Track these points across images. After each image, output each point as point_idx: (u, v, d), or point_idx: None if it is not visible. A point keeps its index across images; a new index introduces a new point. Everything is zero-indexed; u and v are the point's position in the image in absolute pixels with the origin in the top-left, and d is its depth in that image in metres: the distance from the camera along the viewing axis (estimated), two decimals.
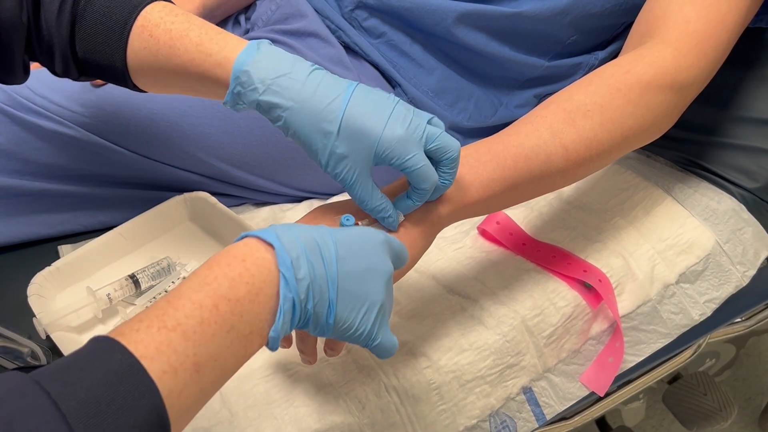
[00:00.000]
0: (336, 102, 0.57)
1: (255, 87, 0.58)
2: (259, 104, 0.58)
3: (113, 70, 0.65)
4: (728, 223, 0.81)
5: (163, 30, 0.62)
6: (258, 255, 0.48)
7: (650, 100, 0.67)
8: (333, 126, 0.56)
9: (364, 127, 0.56)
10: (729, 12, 0.70)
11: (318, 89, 0.57)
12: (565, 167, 0.65)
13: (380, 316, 0.52)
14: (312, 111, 0.57)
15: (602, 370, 0.76)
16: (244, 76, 0.58)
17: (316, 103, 0.57)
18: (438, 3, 0.86)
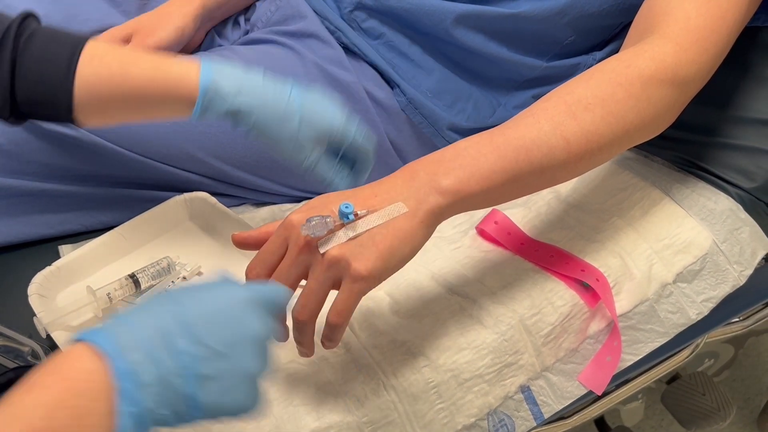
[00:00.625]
0: (291, 103, 0.68)
1: (225, 95, 0.65)
2: (228, 112, 0.66)
3: (57, 104, 0.65)
4: (725, 223, 0.81)
5: (113, 57, 0.66)
6: (83, 367, 0.41)
7: (651, 95, 0.68)
8: (294, 123, 0.67)
9: (315, 116, 0.69)
10: (729, 8, 0.70)
11: (273, 95, 0.67)
12: (566, 160, 0.65)
13: (254, 387, 0.48)
14: (274, 116, 0.67)
15: (600, 369, 0.77)
16: (213, 86, 0.65)
17: (276, 108, 0.67)
18: (436, 4, 0.86)
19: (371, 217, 0.59)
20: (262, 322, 0.49)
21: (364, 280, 0.58)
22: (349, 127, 0.70)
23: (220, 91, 0.65)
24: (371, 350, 0.72)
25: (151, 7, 0.96)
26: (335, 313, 0.59)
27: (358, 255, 0.57)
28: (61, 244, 0.85)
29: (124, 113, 0.68)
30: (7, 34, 0.63)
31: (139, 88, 0.65)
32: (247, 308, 0.49)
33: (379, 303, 0.76)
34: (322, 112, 0.69)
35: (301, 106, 0.68)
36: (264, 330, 0.49)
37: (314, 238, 0.58)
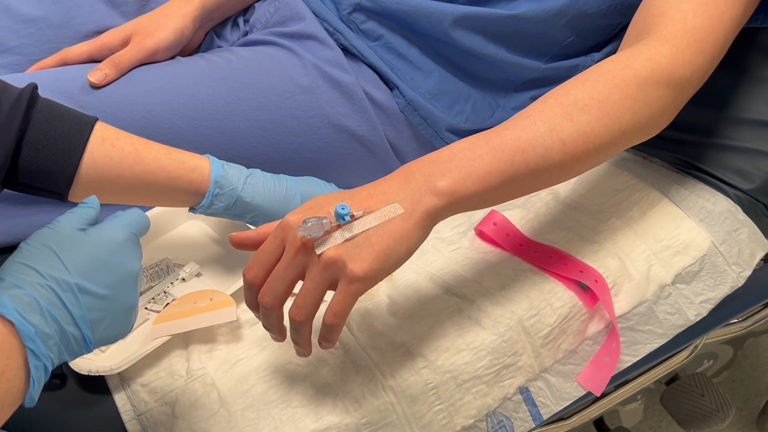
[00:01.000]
0: (290, 187, 0.76)
1: (234, 187, 0.72)
2: (237, 202, 0.72)
3: (58, 178, 0.66)
4: (724, 224, 0.81)
5: (125, 141, 0.70)
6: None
7: (648, 96, 0.68)
8: (296, 204, 0.74)
9: (313, 194, 0.76)
10: (726, 9, 0.70)
11: (273, 185, 0.75)
12: (562, 161, 0.65)
13: (132, 314, 0.57)
14: (277, 198, 0.74)
15: (598, 370, 0.77)
16: (223, 179, 0.72)
17: (278, 194, 0.75)
18: (435, 6, 0.86)
19: (367, 219, 0.59)
20: (135, 257, 0.57)
21: (360, 281, 0.58)
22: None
23: (230, 183, 0.72)
24: (370, 351, 0.72)
25: (150, 8, 0.96)
26: (331, 313, 0.59)
27: (354, 256, 0.58)
28: None
29: (126, 195, 0.71)
30: (19, 103, 0.64)
31: (149, 172, 0.69)
32: (121, 249, 0.56)
33: (378, 304, 0.76)
34: (318, 188, 0.78)
35: (299, 188, 0.76)
36: (137, 264, 0.57)
37: (311, 239, 0.59)
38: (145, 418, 0.70)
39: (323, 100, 0.88)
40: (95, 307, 0.52)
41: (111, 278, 0.53)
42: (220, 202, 0.72)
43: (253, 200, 0.73)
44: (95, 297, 0.52)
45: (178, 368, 0.72)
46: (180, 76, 0.87)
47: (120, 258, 0.55)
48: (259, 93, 0.87)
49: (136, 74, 0.86)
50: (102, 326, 0.53)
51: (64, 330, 0.50)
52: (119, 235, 0.56)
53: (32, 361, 0.48)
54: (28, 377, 0.48)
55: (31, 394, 0.48)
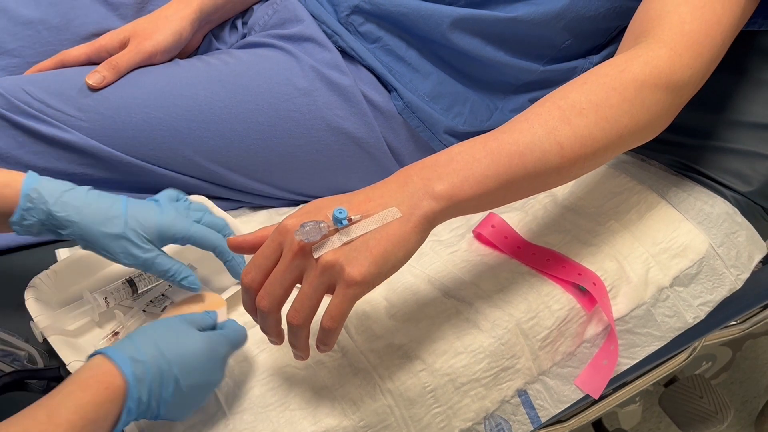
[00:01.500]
0: (115, 206, 0.70)
1: (45, 201, 0.68)
2: (49, 216, 0.68)
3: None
4: (722, 227, 0.82)
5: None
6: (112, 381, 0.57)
7: (645, 99, 0.68)
8: (119, 221, 0.69)
9: (146, 217, 0.70)
10: (724, 13, 0.70)
11: (97, 201, 0.70)
12: (560, 165, 0.65)
13: (209, 392, 0.66)
14: (96, 213, 0.69)
15: (597, 372, 0.77)
16: (35, 193, 0.68)
17: (99, 211, 0.69)
18: (433, 8, 0.87)
19: (365, 222, 0.59)
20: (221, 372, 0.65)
21: (357, 285, 0.58)
22: (182, 223, 0.72)
23: (41, 199, 0.68)
24: (368, 354, 0.72)
25: (148, 10, 0.96)
26: (329, 317, 0.59)
27: (351, 260, 0.58)
28: (58, 248, 0.85)
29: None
30: None
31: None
32: (224, 362, 0.65)
33: (376, 307, 0.76)
34: (151, 214, 0.71)
35: (127, 210, 0.71)
36: (221, 377, 0.65)
37: (308, 243, 0.59)
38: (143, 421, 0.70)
39: (321, 102, 0.88)
40: (176, 397, 0.60)
41: (199, 381, 0.62)
42: (32, 217, 0.68)
43: (67, 216, 0.68)
44: (180, 390, 0.60)
45: None
46: (178, 78, 0.87)
47: (213, 369, 0.63)
48: (257, 95, 0.87)
49: (134, 77, 0.87)
50: (171, 410, 0.60)
51: (150, 403, 0.59)
52: (222, 350, 0.64)
53: (124, 418, 0.57)
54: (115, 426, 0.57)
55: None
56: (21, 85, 0.83)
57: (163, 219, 0.71)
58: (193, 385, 0.61)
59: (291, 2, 0.95)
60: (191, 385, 0.60)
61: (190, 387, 0.60)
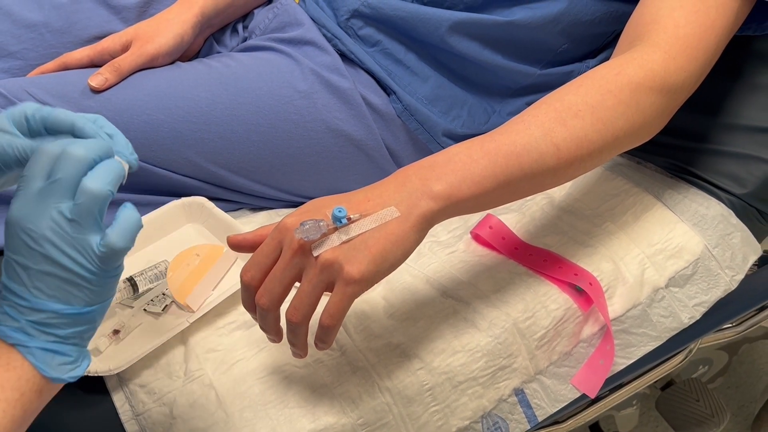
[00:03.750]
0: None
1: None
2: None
3: None
4: (717, 228, 0.82)
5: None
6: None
7: (640, 102, 0.69)
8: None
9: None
10: (717, 17, 0.71)
11: None
12: (556, 166, 0.66)
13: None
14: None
15: (593, 372, 0.77)
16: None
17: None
18: (432, 12, 0.88)
19: (364, 221, 0.60)
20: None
21: (356, 283, 0.58)
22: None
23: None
24: (366, 353, 0.73)
25: (150, 14, 0.97)
26: (328, 315, 0.60)
27: (350, 258, 0.58)
28: None
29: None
30: None
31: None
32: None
33: (375, 306, 0.77)
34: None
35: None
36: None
37: (308, 242, 0.59)
38: (143, 419, 0.70)
39: (321, 105, 0.89)
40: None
41: None
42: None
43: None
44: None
45: (176, 369, 0.73)
46: (179, 80, 0.87)
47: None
48: (258, 98, 0.88)
49: (136, 79, 0.87)
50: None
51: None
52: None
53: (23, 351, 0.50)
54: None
55: (48, 375, 0.50)
56: (23, 86, 0.83)
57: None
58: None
59: (291, 6, 0.96)
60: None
61: None
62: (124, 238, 0.51)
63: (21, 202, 0.49)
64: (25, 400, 0.50)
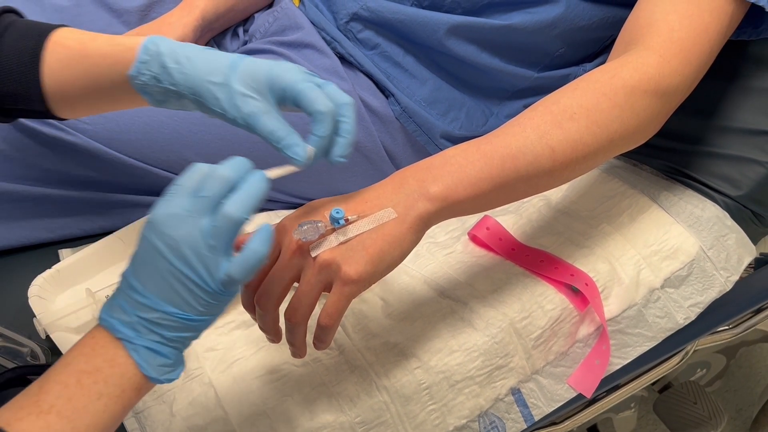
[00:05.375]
0: (227, 57, 0.61)
1: (160, 52, 0.61)
2: (163, 70, 0.61)
3: (28, 95, 0.65)
4: (712, 230, 0.83)
5: (73, 40, 0.65)
6: (99, 329, 0.53)
7: (635, 105, 0.69)
8: (226, 69, 0.60)
9: (254, 65, 0.60)
10: (712, 21, 0.72)
11: (209, 52, 0.61)
12: (551, 168, 0.67)
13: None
14: (205, 64, 0.60)
15: (589, 372, 0.78)
16: (152, 46, 0.61)
17: (207, 61, 0.61)
18: (430, 15, 0.88)
19: (361, 222, 0.60)
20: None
21: (354, 283, 0.59)
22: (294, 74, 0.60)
23: (157, 50, 0.61)
24: (364, 352, 0.73)
25: (151, 17, 0.98)
26: (326, 315, 0.61)
27: (348, 259, 0.59)
28: (61, 248, 0.86)
29: (88, 98, 0.67)
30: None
31: (96, 65, 0.64)
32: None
33: (372, 306, 0.78)
34: (266, 66, 0.60)
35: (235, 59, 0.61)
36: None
37: (306, 242, 0.60)
38: (143, 416, 0.71)
39: None
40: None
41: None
42: (148, 71, 0.61)
43: (178, 68, 0.61)
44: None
45: None
46: None
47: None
48: None
49: None
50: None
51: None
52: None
53: (128, 347, 0.52)
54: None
55: (148, 374, 0.52)
56: None
57: (274, 67, 0.60)
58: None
59: (291, 10, 0.97)
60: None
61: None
62: (244, 272, 0.53)
63: (166, 208, 0.52)
64: (125, 398, 0.51)
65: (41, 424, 0.47)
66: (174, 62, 0.61)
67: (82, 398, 0.49)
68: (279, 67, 0.60)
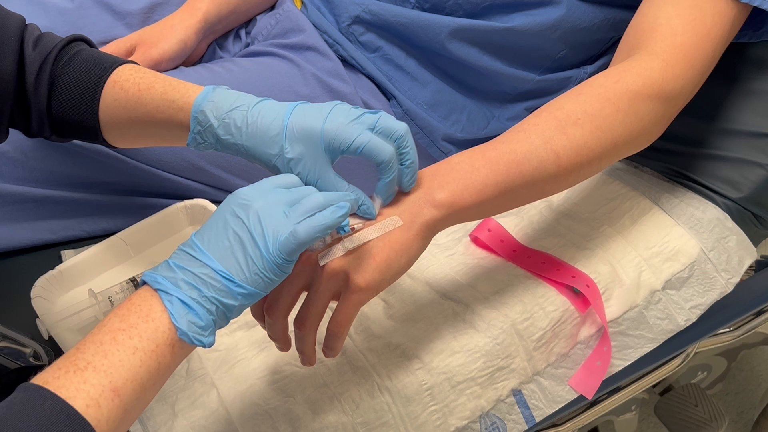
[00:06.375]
0: (277, 120, 0.62)
1: (210, 123, 0.63)
2: (218, 140, 0.64)
3: (85, 125, 0.69)
4: (713, 232, 0.83)
5: (132, 83, 0.68)
6: (139, 291, 0.54)
7: (639, 109, 0.70)
8: (279, 138, 0.61)
9: (305, 127, 0.61)
10: (714, 25, 0.72)
11: (257, 120, 0.62)
12: (556, 173, 0.67)
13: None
14: (258, 134, 0.62)
15: (590, 373, 0.78)
16: (201, 116, 0.64)
17: (259, 132, 0.62)
18: (432, 18, 0.89)
19: (368, 231, 0.61)
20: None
21: (362, 291, 0.60)
22: (349, 130, 0.60)
23: (207, 121, 0.64)
24: (366, 353, 0.73)
25: (154, 20, 0.99)
26: (335, 323, 0.61)
27: (356, 267, 0.59)
28: (63, 249, 0.87)
29: (141, 137, 0.71)
30: (48, 58, 0.67)
31: (148, 114, 0.67)
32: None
33: (375, 307, 0.78)
34: (312, 124, 0.61)
35: (286, 128, 0.62)
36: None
37: (314, 252, 0.60)
38: (145, 417, 0.71)
39: None
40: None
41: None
42: (204, 140, 0.65)
43: (232, 140, 0.63)
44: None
45: (179, 368, 0.74)
46: None
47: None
48: None
49: None
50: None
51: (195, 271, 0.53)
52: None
53: (165, 298, 0.52)
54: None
55: (177, 325, 0.52)
56: None
57: (328, 128, 0.60)
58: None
59: (293, 13, 0.98)
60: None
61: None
62: (311, 233, 0.54)
63: (254, 187, 0.56)
64: (160, 353, 0.52)
65: (78, 379, 0.48)
66: (226, 133, 0.63)
67: (117, 353, 0.50)
68: (332, 124, 0.61)
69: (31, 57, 0.67)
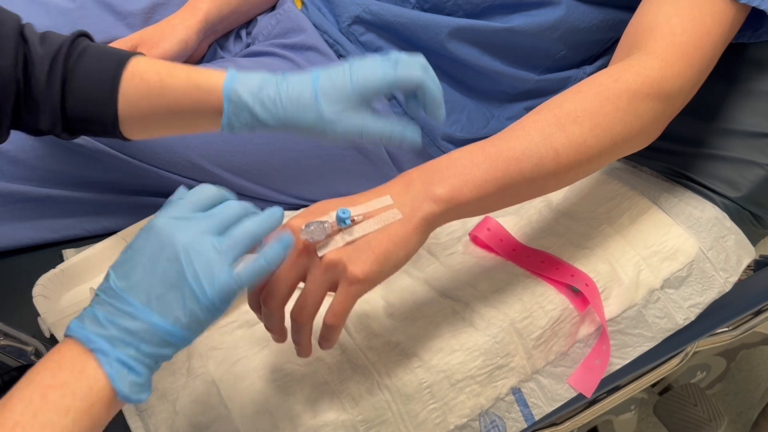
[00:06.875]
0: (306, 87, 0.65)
1: (245, 102, 0.65)
2: (254, 116, 0.65)
3: (103, 119, 0.68)
4: (711, 231, 0.84)
5: (153, 73, 0.68)
6: (67, 342, 0.51)
7: (638, 108, 0.70)
8: (314, 103, 0.64)
9: (336, 86, 0.64)
10: (713, 25, 0.73)
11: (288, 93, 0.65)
12: (555, 170, 0.67)
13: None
14: (293, 104, 0.65)
15: (589, 372, 0.78)
16: (235, 96, 0.65)
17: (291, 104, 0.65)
18: (432, 18, 0.89)
19: (367, 223, 0.61)
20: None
21: (360, 282, 0.60)
22: (372, 81, 0.64)
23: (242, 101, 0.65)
24: (366, 351, 0.74)
25: (155, 20, 0.99)
26: (332, 314, 0.61)
27: (354, 259, 0.60)
28: (64, 249, 0.87)
29: (165, 127, 0.71)
30: (58, 55, 0.66)
31: (175, 101, 0.67)
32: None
33: (374, 306, 0.78)
34: (347, 78, 0.64)
35: (317, 93, 0.65)
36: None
37: (313, 242, 0.61)
38: (146, 415, 0.72)
39: None
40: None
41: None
42: (240, 121, 0.66)
43: (267, 116, 0.65)
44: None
45: (179, 367, 0.74)
46: None
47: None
48: None
49: None
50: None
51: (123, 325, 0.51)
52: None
53: (102, 360, 0.50)
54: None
55: (118, 388, 0.50)
56: None
57: (355, 85, 0.64)
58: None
59: (294, 13, 0.98)
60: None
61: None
62: (253, 276, 0.53)
63: (173, 213, 0.53)
64: (94, 412, 0.49)
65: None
66: (261, 108, 0.65)
67: (48, 413, 0.47)
68: (357, 74, 0.64)
69: (39, 55, 0.66)
